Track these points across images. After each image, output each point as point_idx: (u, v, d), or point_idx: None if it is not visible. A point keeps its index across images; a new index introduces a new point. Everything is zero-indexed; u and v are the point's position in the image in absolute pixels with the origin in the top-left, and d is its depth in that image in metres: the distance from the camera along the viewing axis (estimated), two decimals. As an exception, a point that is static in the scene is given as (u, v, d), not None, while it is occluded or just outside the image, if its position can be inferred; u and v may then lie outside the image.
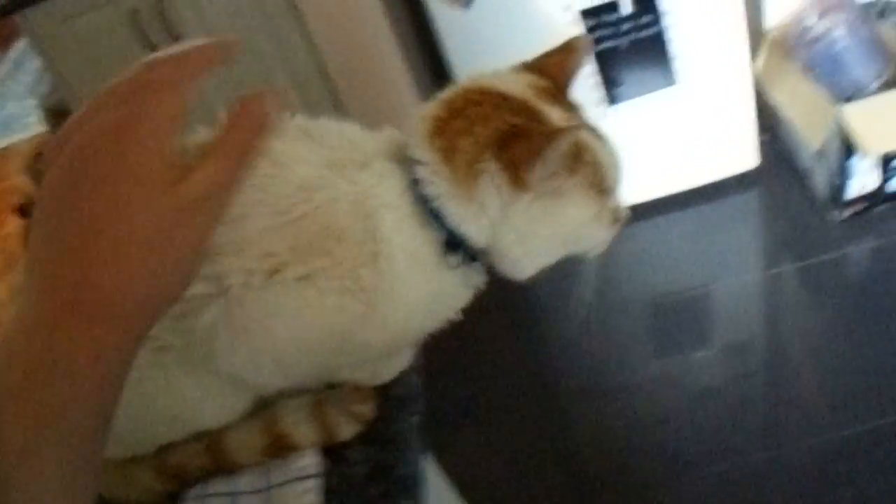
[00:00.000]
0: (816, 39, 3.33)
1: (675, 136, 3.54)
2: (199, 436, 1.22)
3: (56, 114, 4.12)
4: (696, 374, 3.26)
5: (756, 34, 3.56)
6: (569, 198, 1.06)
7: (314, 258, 1.03)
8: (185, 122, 0.77)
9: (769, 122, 3.91)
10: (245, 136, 0.80)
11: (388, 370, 1.33)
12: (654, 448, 3.05)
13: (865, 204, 3.49)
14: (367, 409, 1.25)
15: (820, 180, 3.56)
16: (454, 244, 1.08)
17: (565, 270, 1.20)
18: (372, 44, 3.35)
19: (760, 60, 3.64)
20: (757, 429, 3.02)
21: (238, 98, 0.80)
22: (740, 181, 3.82)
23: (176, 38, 3.30)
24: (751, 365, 3.24)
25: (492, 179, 1.03)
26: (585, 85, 3.16)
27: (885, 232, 3.49)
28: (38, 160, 4.11)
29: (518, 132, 1.03)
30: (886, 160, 3.33)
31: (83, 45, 3.33)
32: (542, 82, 1.12)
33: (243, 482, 1.22)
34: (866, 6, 3.60)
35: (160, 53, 0.80)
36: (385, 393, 1.30)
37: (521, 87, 1.10)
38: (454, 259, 1.09)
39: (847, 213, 3.51)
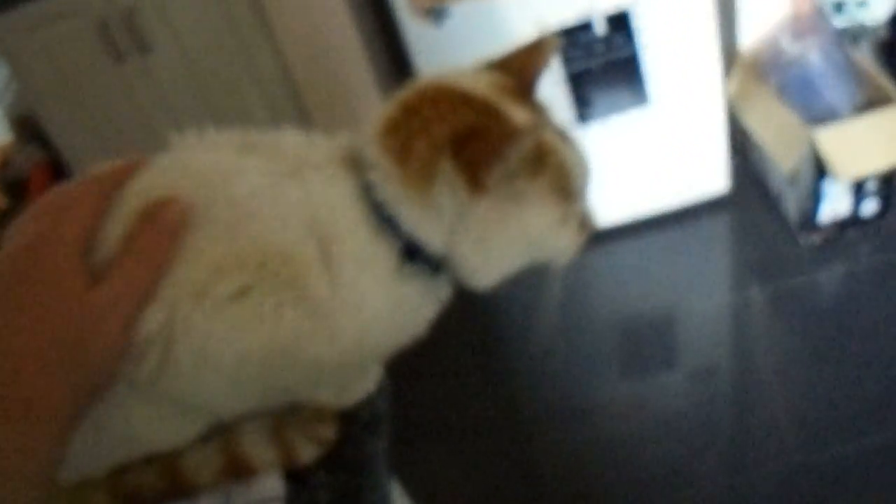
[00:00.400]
0: (790, 62, 3.33)
1: (646, 158, 3.53)
2: (154, 457, 1.18)
3: (22, 122, 4.09)
4: (663, 397, 3.24)
5: (730, 56, 3.55)
6: (530, 202, 1.02)
7: (246, 272, 0.98)
8: (96, 235, 0.90)
9: (741, 146, 3.91)
10: (153, 244, 0.90)
11: (353, 393, 1.29)
12: (619, 471, 3.03)
13: (836, 229, 3.49)
14: (328, 432, 1.22)
15: (791, 204, 3.55)
16: (412, 252, 1.03)
17: (533, 291, 1.18)
18: (340, 55, 3.34)
19: (733, 82, 3.63)
20: (723, 452, 3.00)
21: (147, 206, 0.92)
22: (711, 204, 3.82)
23: (144, 49, 3.28)
24: (717, 389, 3.23)
25: (447, 181, 0.97)
26: (557, 103, 3.14)
27: (856, 257, 3.49)
28: (3, 169, 4.09)
29: (476, 132, 0.98)
30: (858, 185, 3.33)
31: (51, 54, 3.31)
32: (507, 81, 1.07)
33: (205, 505, 1.19)
34: (841, 31, 3.60)
35: (74, 181, 0.92)
36: (351, 417, 1.26)
37: (483, 86, 1.05)
38: (411, 268, 1.03)
39: (818, 237, 3.50)
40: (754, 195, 3.84)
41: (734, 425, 3.09)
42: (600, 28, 3.19)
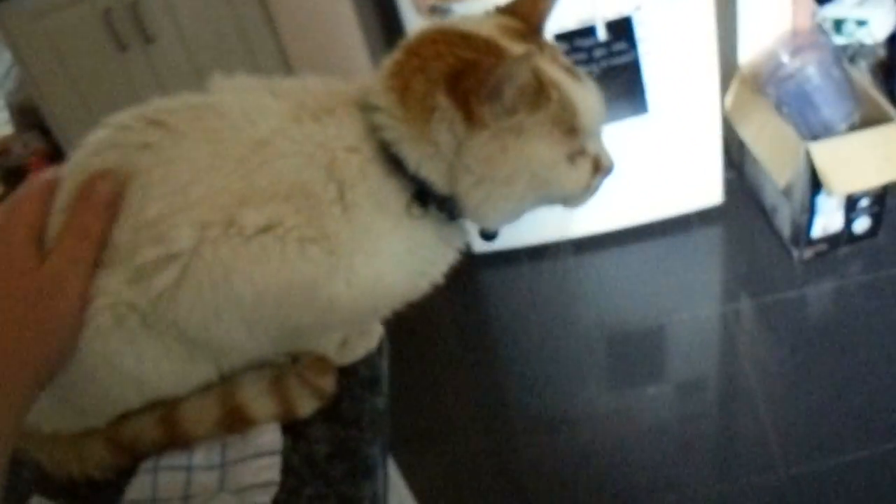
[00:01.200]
0: (788, 77, 3.34)
1: (641, 166, 3.53)
2: (153, 407, 1.19)
3: (22, 110, 4.09)
4: (649, 408, 3.24)
5: (728, 68, 3.56)
6: (532, 136, 1.01)
7: (272, 206, 1.01)
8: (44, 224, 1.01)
9: (736, 160, 3.92)
10: (88, 216, 1.00)
11: (355, 350, 1.31)
12: (604, 481, 3.02)
13: (828, 245, 3.50)
14: (327, 384, 1.22)
15: (784, 218, 3.56)
16: (423, 196, 1.05)
17: (525, 296, 1.17)
18: (342, 50, 3.34)
19: (731, 95, 3.64)
20: (708, 465, 3.01)
21: (81, 185, 1.00)
22: (704, 216, 3.82)
23: (147, 39, 3.29)
24: (704, 401, 3.23)
25: (444, 117, 0.99)
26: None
27: (846, 274, 3.51)
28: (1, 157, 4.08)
29: (471, 66, 0.99)
30: (851, 202, 3.34)
31: (54, 42, 3.32)
32: (513, 23, 1.08)
33: (198, 457, 1.19)
34: (839, 48, 3.62)
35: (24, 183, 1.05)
36: (351, 373, 1.28)
37: (487, 27, 1.06)
38: (418, 210, 1.06)
39: (809, 252, 3.51)
40: (748, 208, 3.84)
41: (720, 438, 3.09)
42: (602, 33, 3.20)
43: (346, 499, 1.12)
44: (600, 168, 1.10)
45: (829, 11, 3.90)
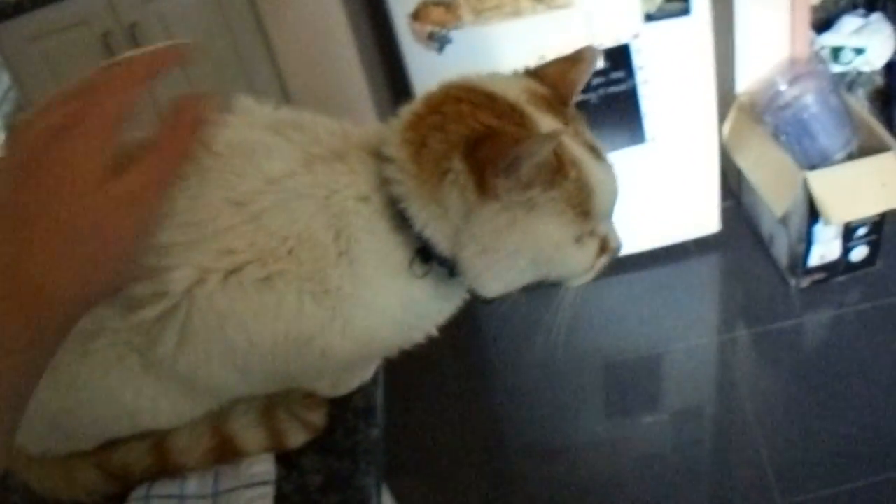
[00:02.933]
0: (786, 105, 3.34)
1: (638, 196, 3.51)
2: (145, 435, 1.19)
3: (20, 132, 4.09)
4: (645, 437, 3.23)
5: (726, 98, 3.57)
6: (543, 214, 0.99)
7: (276, 259, 0.99)
8: (129, 122, 0.81)
9: (733, 188, 3.92)
10: (178, 137, 0.84)
11: (349, 383, 1.30)
12: (598, 509, 3.01)
13: (825, 273, 3.50)
14: (318, 418, 1.22)
15: (781, 247, 3.56)
16: (427, 253, 1.03)
17: (520, 324, 1.16)
18: (339, 76, 3.35)
19: (728, 124, 3.64)
20: (704, 495, 3.00)
21: (173, 100, 0.84)
22: (701, 245, 3.82)
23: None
24: (700, 431, 3.22)
25: (457, 180, 0.96)
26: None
27: (844, 303, 3.50)
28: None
29: (492, 134, 0.96)
30: (849, 230, 3.34)
31: (53, 64, 3.32)
32: (541, 89, 1.06)
33: (191, 486, 1.19)
34: (836, 77, 3.62)
35: (118, 57, 0.85)
36: (345, 404, 1.27)
37: (514, 91, 1.03)
38: (420, 268, 1.04)
39: (806, 281, 3.51)
40: (745, 236, 3.84)
41: (717, 467, 3.08)
42: (600, 61, 3.20)
43: (340, 530, 1.11)
44: (607, 249, 1.09)
45: (827, 39, 3.91)
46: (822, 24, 4.00)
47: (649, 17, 3.15)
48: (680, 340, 3.53)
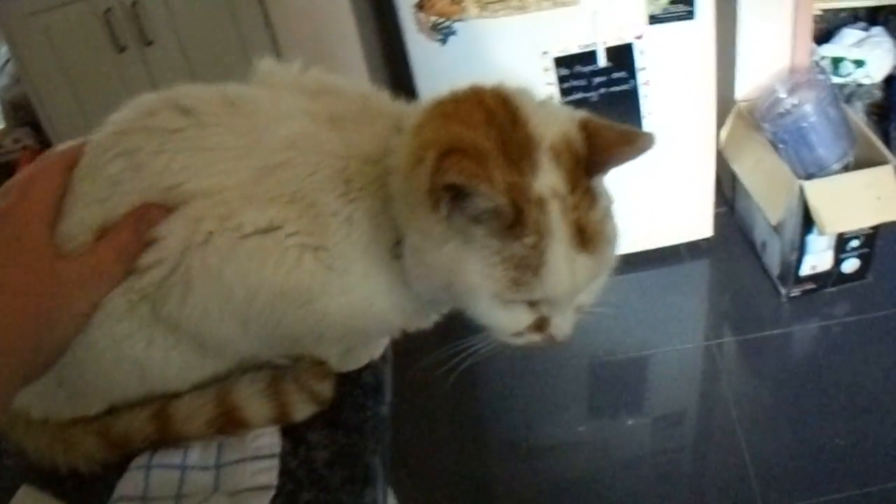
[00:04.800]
0: (785, 113, 3.35)
1: (633, 196, 3.50)
2: (147, 403, 1.18)
3: (14, 106, 4.07)
4: (627, 440, 3.23)
5: (724, 104, 3.57)
6: (473, 254, 0.95)
7: (276, 207, 1.00)
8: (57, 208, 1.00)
9: (727, 195, 3.93)
10: (131, 241, 0.98)
11: (357, 358, 1.29)
12: (577, 510, 3.00)
13: (816, 284, 3.51)
14: (325, 389, 1.21)
15: (773, 255, 3.57)
16: None
17: None
18: (340, 60, 3.32)
19: (726, 130, 3.64)
20: (684, 501, 3.00)
21: (136, 207, 1.00)
22: (693, 249, 3.83)
23: (145, 41, 3.27)
24: (684, 436, 3.23)
25: (421, 174, 0.93)
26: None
27: (833, 314, 3.51)
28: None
29: (472, 152, 0.91)
30: (841, 242, 3.35)
31: (52, 39, 3.29)
32: (579, 145, 0.96)
33: (193, 456, 1.17)
34: (835, 88, 3.63)
35: (43, 154, 1.03)
36: (353, 380, 1.26)
37: (547, 128, 0.96)
38: (398, 249, 1.02)
39: (797, 291, 3.52)
40: (737, 243, 3.85)
41: (699, 473, 3.09)
42: (602, 59, 3.20)
43: (345, 506, 1.10)
44: (543, 332, 1.03)
45: (828, 50, 3.93)
46: (823, 35, 4.03)
47: (653, 19, 3.15)
48: (667, 344, 3.53)
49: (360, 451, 1.16)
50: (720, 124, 3.60)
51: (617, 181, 1.01)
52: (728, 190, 3.96)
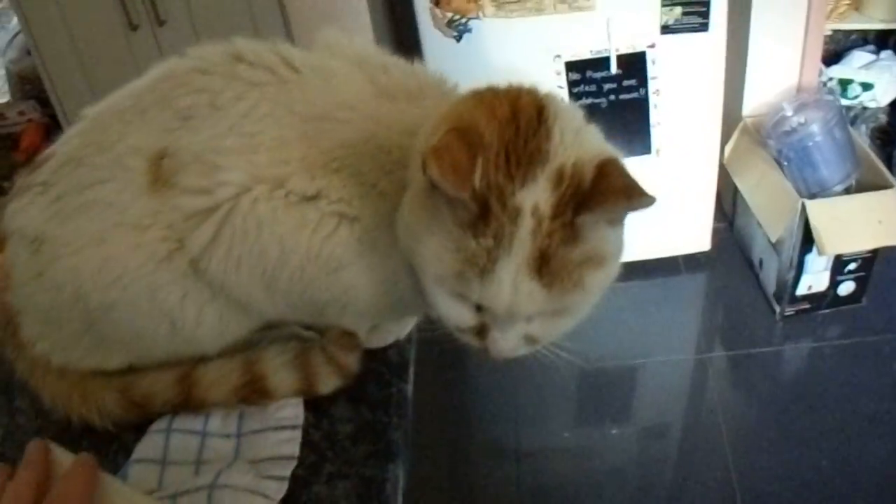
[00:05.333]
0: (791, 131, 3.35)
1: (635, 205, 3.51)
2: (173, 366, 1.19)
3: (22, 79, 4.07)
4: (611, 450, 3.22)
5: (732, 118, 3.58)
6: (436, 235, 0.94)
7: (325, 176, 1.03)
8: None
9: (727, 210, 3.94)
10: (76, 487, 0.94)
11: (384, 336, 1.31)
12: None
13: (811, 304, 3.52)
14: (351, 362, 1.22)
15: (770, 273, 3.57)
16: None
17: None
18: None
19: (731, 145, 3.65)
20: (664, 513, 2.99)
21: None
22: (690, 261, 3.84)
23: (160, 22, 3.26)
24: (667, 449, 3.22)
25: (422, 146, 0.95)
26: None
27: (825, 336, 3.52)
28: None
29: (468, 139, 0.91)
30: (839, 264, 3.36)
31: (66, 13, 3.28)
32: (584, 177, 0.94)
33: (214, 423, 1.18)
34: (843, 109, 3.64)
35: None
36: (380, 358, 1.28)
37: (563, 148, 0.95)
38: None
39: (791, 310, 3.52)
40: (734, 259, 3.87)
41: (683, 486, 3.08)
42: (614, 66, 3.21)
43: (368, 479, 1.11)
44: (482, 340, 1.04)
45: (836, 71, 3.94)
46: (831, 56, 4.03)
47: (667, 29, 3.16)
48: (658, 354, 3.54)
49: (384, 426, 1.17)
50: (725, 139, 3.60)
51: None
52: (727, 206, 3.97)
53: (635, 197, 0.93)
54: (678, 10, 3.10)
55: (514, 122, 0.94)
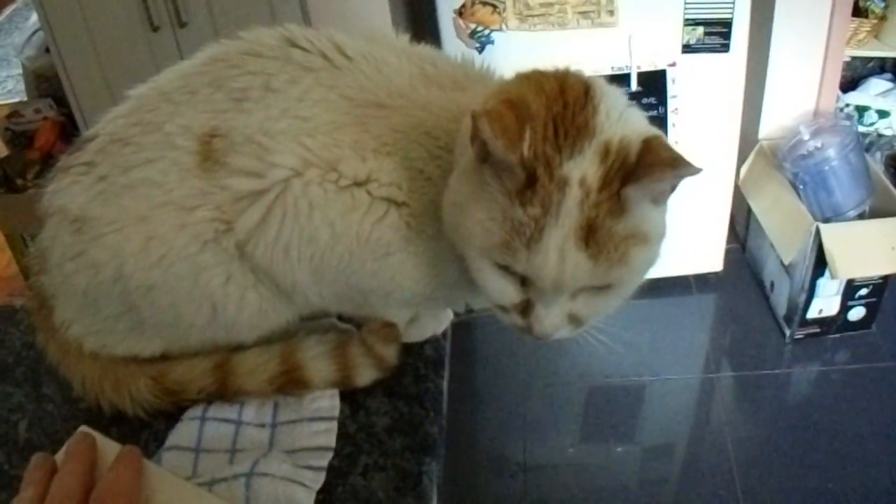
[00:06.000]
0: (807, 155, 3.36)
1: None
2: (208, 354, 1.20)
3: (39, 77, 4.06)
4: (615, 468, 3.22)
5: (748, 140, 3.59)
6: (483, 204, 0.94)
7: (376, 159, 1.05)
8: None
9: (739, 232, 3.94)
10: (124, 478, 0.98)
11: (422, 330, 1.32)
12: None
13: (820, 328, 3.52)
14: (390, 354, 1.22)
15: (781, 296, 3.58)
16: None
17: (512, 339, 1.14)
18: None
19: (746, 167, 3.65)
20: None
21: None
22: (702, 281, 3.85)
23: (181, 24, 3.26)
24: (670, 468, 3.22)
25: (457, 148, 1.02)
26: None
27: (834, 361, 3.52)
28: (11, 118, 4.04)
29: (515, 110, 0.91)
30: (850, 289, 3.36)
31: (86, 12, 3.27)
32: (630, 151, 0.93)
33: (249, 413, 1.18)
34: (859, 135, 3.64)
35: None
36: (417, 352, 1.29)
37: (609, 124, 0.95)
38: None
39: (801, 333, 3.52)
40: (746, 280, 3.87)
41: (686, 507, 3.07)
42: (634, 83, 3.21)
43: (404, 472, 1.11)
44: (525, 318, 1.02)
45: (853, 98, 3.95)
46: (849, 83, 4.04)
47: (688, 48, 3.17)
48: (666, 372, 3.54)
49: (420, 420, 1.17)
50: (741, 160, 3.61)
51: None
52: (740, 227, 3.98)
53: (681, 167, 0.92)
54: (700, 29, 3.12)
55: (561, 98, 0.95)
